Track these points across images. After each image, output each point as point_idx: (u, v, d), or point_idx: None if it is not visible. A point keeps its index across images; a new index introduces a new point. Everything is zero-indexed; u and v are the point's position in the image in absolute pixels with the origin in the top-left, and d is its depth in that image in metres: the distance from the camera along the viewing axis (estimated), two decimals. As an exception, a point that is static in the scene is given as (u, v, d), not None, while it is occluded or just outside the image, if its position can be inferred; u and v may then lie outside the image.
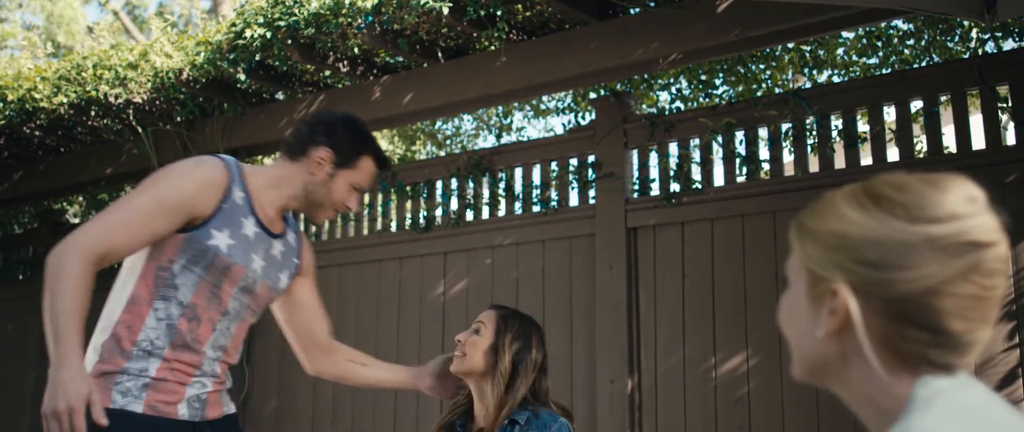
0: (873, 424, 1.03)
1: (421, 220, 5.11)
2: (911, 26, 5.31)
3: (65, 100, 5.26)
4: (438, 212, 5.12)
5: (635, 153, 4.56)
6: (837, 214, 1.04)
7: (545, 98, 7.89)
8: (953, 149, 3.86)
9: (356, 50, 4.59)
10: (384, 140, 10.24)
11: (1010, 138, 3.80)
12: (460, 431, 2.53)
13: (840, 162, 4.08)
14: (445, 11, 3.97)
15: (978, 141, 3.76)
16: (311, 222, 2.53)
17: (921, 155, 4.13)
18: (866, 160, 4.10)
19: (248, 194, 2.33)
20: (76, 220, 7.87)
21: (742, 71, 5.78)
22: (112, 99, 5.18)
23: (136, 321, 2.22)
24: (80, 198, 7.60)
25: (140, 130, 5.38)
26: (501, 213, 4.94)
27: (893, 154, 4.00)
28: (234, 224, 2.28)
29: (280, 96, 5.35)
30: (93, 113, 5.41)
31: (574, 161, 4.72)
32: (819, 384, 1.09)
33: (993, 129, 3.73)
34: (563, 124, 6.50)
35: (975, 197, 0.99)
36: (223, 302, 2.31)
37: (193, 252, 2.23)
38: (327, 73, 5.03)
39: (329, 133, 2.40)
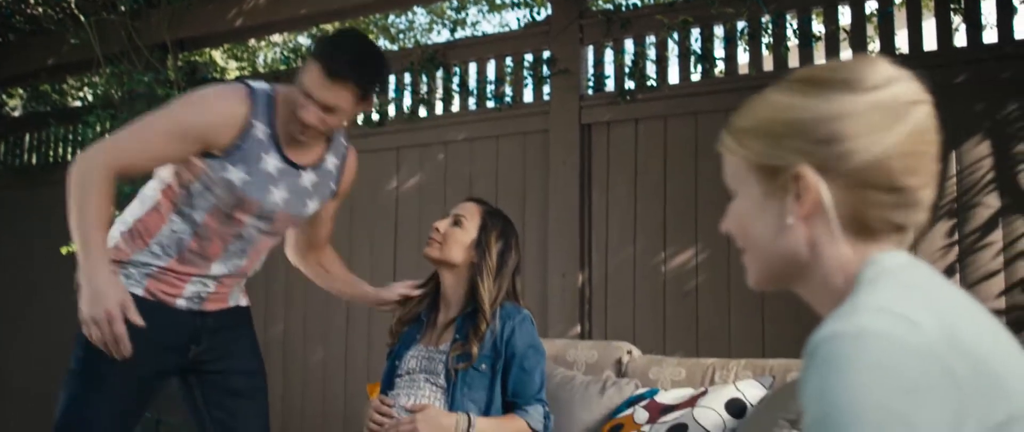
0: (828, 311, 1.07)
1: (374, 115, 5.06)
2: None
3: (2, -15, 5.07)
4: (391, 107, 5.07)
5: (590, 50, 4.53)
6: (778, 106, 1.07)
7: (500, -7, 7.77)
8: (905, 50, 3.90)
9: (307, -63, 4.46)
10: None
11: (961, 40, 3.84)
12: (424, 320, 2.58)
13: (794, 61, 4.10)
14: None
15: (930, 42, 3.80)
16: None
17: (874, 55, 4.16)
18: (820, 60, 4.12)
19: (274, 127, 2.29)
20: (16, 113, 7.67)
21: (699, -32, 5.71)
22: (52, -15, 5.00)
23: (153, 227, 2.31)
24: (20, 90, 7.39)
25: (82, 19, 5.21)
26: (455, 109, 4.91)
27: (846, 54, 4.02)
28: (251, 161, 2.27)
29: (228, -15, 5.20)
30: (32, 1, 5.22)
31: (529, 57, 4.68)
32: (779, 285, 1.12)
33: (945, 31, 3.76)
34: (518, 19, 6.40)
35: (893, 66, 1.06)
36: (238, 225, 2.35)
37: (210, 178, 2.26)
38: (277, -39, 4.89)
39: (311, 50, 2.32)
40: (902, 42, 3.97)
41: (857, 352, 0.91)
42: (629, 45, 4.44)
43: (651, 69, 4.37)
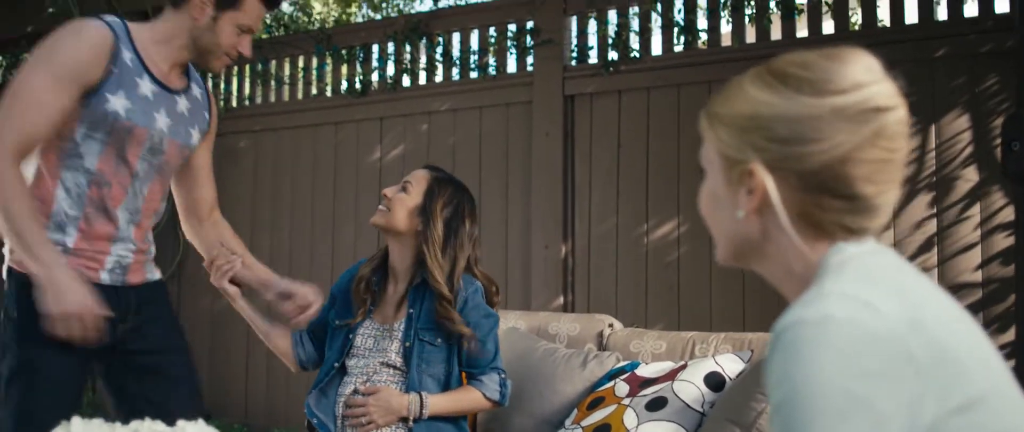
0: (793, 295, 1.09)
1: (357, 85, 5.05)
2: None
3: (-21, -48, 5.00)
4: (374, 77, 5.05)
5: (574, 20, 4.52)
6: (745, 97, 1.07)
7: (484, -39, 7.72)
8: (887, 22, 3.91)
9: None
10: (318, 2, 9.97)
11: (941, 13, 3.86)
12: (376, 290, 2.53)
13: (776, 33, 4.11)
14: None
15: (911, 15, 3.81)
16: (207, 70, 2.42)
17: (856, 28, 4.17)
18: (802, 32, 4.13)
19: (138, 53, 2.24)
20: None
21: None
22: (30, -48, 4.94)
23: (46, 195, 2.21)
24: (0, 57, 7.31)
25: (61, -15, 5.16)
26: (438, 79, 4.89)
27: (829, 26, 4.03)
28: (128, 86, 2.21)
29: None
30: (10, -34, 5.17)
31: (513, 27, 4.67)
32: (743, 265, 1.14)
33: (926, 3, 3.77)
34: (502, -12, 6.38)
35: (873, 66, 1.03)
36: (131, 165, 2.27)
37: (91, 119, 2.18)
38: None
39: None
40: (884, 14, 3.98)
41: (820, 338, 0.93)
42: (612, 16, 4.43)
43: (634, 40, 4.36)
